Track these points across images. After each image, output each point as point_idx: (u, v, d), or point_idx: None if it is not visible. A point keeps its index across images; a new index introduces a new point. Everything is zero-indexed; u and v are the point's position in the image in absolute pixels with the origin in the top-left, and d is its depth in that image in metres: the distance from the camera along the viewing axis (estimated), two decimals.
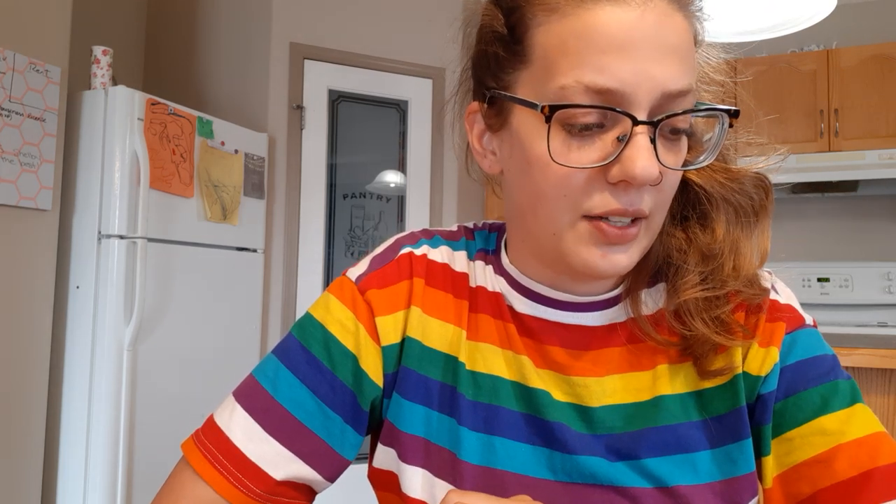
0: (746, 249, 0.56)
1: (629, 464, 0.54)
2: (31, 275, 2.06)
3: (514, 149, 0.53)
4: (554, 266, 0.56)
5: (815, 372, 0.55)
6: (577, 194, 0.50)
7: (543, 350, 0.57)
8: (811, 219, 3.46)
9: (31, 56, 2.03)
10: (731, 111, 0.51)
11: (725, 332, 0.54)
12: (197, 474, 0.54)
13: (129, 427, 2.11)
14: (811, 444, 0.53)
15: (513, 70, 0.53)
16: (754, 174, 0.57)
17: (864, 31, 3.39)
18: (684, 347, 0.56)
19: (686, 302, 0.54)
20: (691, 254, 0.56)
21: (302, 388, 0.56)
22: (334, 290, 0.60)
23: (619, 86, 0.47)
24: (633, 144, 0.47)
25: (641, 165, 0.47)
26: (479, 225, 0.66)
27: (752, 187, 0.57)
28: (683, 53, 0.49)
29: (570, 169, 0.49)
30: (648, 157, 0.47)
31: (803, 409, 0.54)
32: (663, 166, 0.48)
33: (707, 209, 0.56)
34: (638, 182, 0.47)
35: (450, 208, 3.17)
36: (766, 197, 0.57)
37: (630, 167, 0.47)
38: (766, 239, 0.57)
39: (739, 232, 0.56)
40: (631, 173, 0.47)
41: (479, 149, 0.59)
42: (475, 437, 0.56)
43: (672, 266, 0.57)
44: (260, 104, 2.88)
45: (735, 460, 0.55)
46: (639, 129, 0.47)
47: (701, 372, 0.55)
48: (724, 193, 0.56)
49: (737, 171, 0.57)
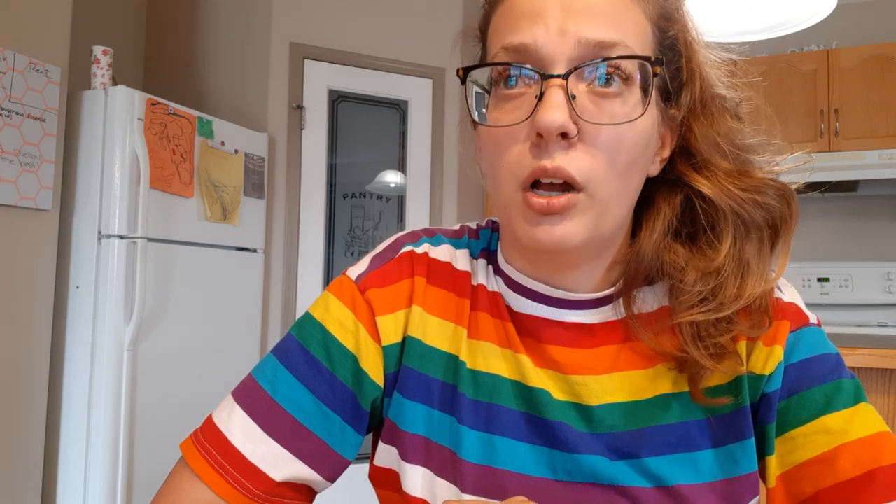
0: (756, 269, 0.52)
1: (629, 463, 0.54)
2: (31, 275, 2.06)
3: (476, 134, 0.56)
4: (523, 252, 0.56)
5: (818, 371, 0.54)
6: (510, 161, 0.50)
7: (542, 349, 0.57)
8: (811, 219, 3.46)
9: (31, 56, 2.03)
10: (652, 60, 0.49)
11: (717, 359, 0.52)
12: (195, 475, 0.54)
13: (129, 427, 2.11)
14: (814, 444, 0.52)
15: None
16: (778, 185, 0.53)
17: (864, 31, 3.39)
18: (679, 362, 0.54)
19: (681, 324, 0.53)
20: (689, 271, 0.53)
21: (301, 389, 0.56)
22: (334, 289, 0.60)
23: (531, 41, 0.49)
24: (544, 98, 0.48)
25: (546, 115, 0.47)
26: (483, 224, 0.65)
27: (773, 199, 0.53)
28: (609, 13, 0.49)
29: (498, 131, 0.50)
30: (556, 108, 0.47)
31: (807, 407, 0.53)
32: (580, 118, 0.48)
33: (713, 222, 0.53)
34: (545, 131, 0.47)
35: (450, 208, 3.17)
36: (789, 210, 0.53)
37: (538, 118, 0.47)
38: (785, 256, 0.54)
39: (751, 249, 0.53)
40: (538, 123, 0.47)
41: (478, 152, 0.59)
42: (475, 436, 0.56)
43: (668, 283, 0.55)
44: (260, 104, 2.87)
45: (737, 460, 0.54)
46: (551, 82, 0.48)
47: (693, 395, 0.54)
48: (736, 205, 0.52)
49: (757, 179, 0.54)
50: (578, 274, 0.56)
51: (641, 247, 0.54)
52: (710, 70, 0.56)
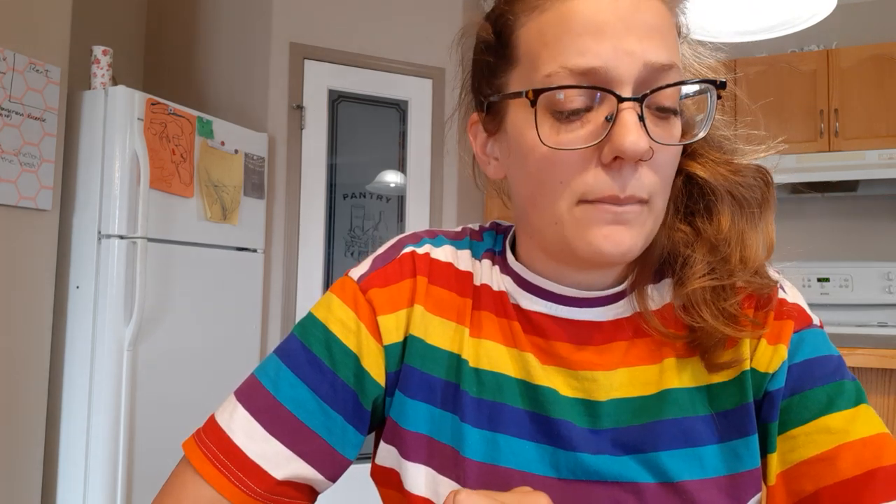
0: (752, 241, 0.56)
1: (635, 458, 0.55)
2: (31, 275, 2.06)
3: (511, 146, 0.55)
4: (560, 257, 0.56)
5: (821, 371, 0.55)
6: (572, 179, 0.50)
7: (549, 346, 0.57)
8: (811, 219, 3.46)
9: (31, 56, 2.03)
10: (718, 82, 0.51)
11: (734, 324, 0.54)
12: (198, 474, 0.54)
13: (129, 427, 2.11)
14: (815, 442, 0.53)
15: (503, 73, 0.55)
16: (756, 167, 0.57)
17: (864, 31, 3.39)
18: (692, 340, 0.56)
19: (694, 292, 0.55)
20: (699, 246, 0.56)
21: (303, 388, 0.56)
22: (336, 289, 0.60)
23: (601, 63, 0.48)
24: (620, 121, 0.48)
25: (630, 139, 0.47)
26: (487, 226, 0.66)
27: (753, 180, 0.57)
28: (663, 31, 0.50)
29: (563, 153, 0.50)
30: (636, 131, 0.47)
31: (809, 407, 0.54)
32: (653, 140, 0.49)
33: (712, 202, 0.57)
34: (629, 156, 0.48)
35: (450, 208, 3.17)
36: (768, 189, 0.58)
37: (619, 142, 0.47)
38: (771, 231, 0.57)
39: (745, 223, 0.56)
40: (620, 148, 0.47)
41: (483, 157, 0.60)
42: (478, 434, 0.56)
43: (679, 259, 0.57)
44: (260, 104, 2.88)
45: (741, 456, 0.55)
46: (624, 105, 0.48)
47: (709, 365, 0.55)
48: (728, 186, 0.56)
49: (739, 163, 0.57)
50: (604, 272, 0.57)
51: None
52: (702, 68, 0.58)
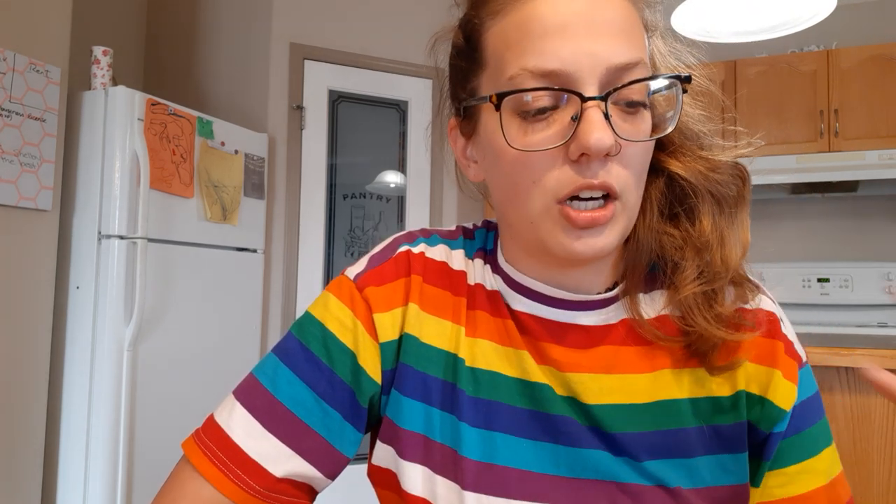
0: (730, 241, 0.56)
1: (629, 462, 0.55)
2: (31, 275, 2.06)
3: (486, 149, 0.56)
4: (539, 256, 0.56)
5: (813, 409, 0.57)
6: (544, 178, 0.51)
7: (540, 347, 0.57)
8: (811, 219, 3.46)
9: (31, 56, 2.03)
10: (682, 76, 0.51)
11: (726, 327, 0.55)
12: (198, 472, 0.54)
13: (129, 427, 2.11)
14: (802, 482, 0.55)
15: (475, 77, 0.56)
16: (733, 164, 0.58)
17: (864, 31, 3.39)
18: (688, 345, 0.56)
19: (687, 298, 0.55)
20: (688, 249, 0.56)
21: (301, 386, 0.57)
22: (333, 288, 0.61)
23: (561, 65, 0.49)
24: (584, 119, 0.48)
25: (595, 136, 0.48)
26: (479, 224, 0.66)
27: (731, 177, 0.57)
28: (626, 28, 0.50)
29: (532, 154, 0.50)
30: (601, 128, 0.48)
31: (804, 447, 0.56)
32: (619, 137, 0.49)
33: (693, 203, 0.57)
34: (594, 151, 0.48)
35: (450, 208, 3.17)
36: (744, 186, 0.58)
37: (584, 139, 0.48)
38: (746, 230, 0.57)
39: (724, 223, 0.57)
40: (586, 144, 0.48)
41: (464, 161, 0.61)
42: (476, 433, 0.56)
43: (670, 264, 0.57)
44: (260, 104, 2.88)
45: (730, 471, 0.55)
46: (588, 104, 0.49)
47: (710, 368, 0.56)
48: (707, 185, 0.56)
49: (717, 160, 0.58)
50: (587, 273, 0.57)
51: (638, 233, 0.57)
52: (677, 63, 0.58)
